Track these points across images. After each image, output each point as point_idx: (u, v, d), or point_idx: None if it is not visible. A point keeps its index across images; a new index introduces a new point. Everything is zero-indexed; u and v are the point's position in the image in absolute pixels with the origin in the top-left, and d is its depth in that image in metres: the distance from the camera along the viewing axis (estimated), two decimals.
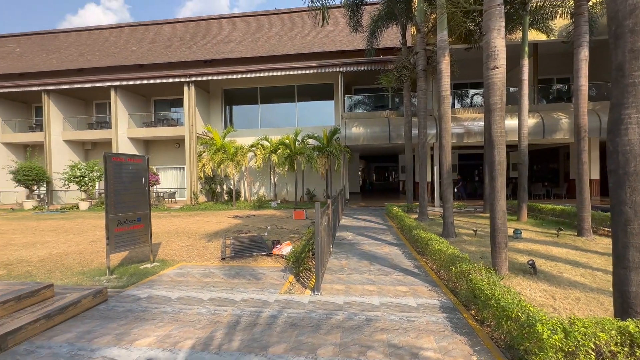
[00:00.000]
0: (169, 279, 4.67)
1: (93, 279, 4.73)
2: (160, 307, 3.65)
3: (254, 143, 15.96)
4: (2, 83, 17.93)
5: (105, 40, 22.43)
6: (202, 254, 6.16)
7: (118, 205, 5.01)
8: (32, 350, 2.77)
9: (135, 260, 5.81)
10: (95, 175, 15.43)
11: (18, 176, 15.33)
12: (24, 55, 22.04)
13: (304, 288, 4.23)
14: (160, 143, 18.44)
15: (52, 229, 9.55)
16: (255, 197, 16.90)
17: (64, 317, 3.31)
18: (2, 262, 5.77)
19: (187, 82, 15.86)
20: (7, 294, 3.26)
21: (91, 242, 7.44)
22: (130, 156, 5.30)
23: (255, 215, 11.88)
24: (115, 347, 2.80)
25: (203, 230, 8.77)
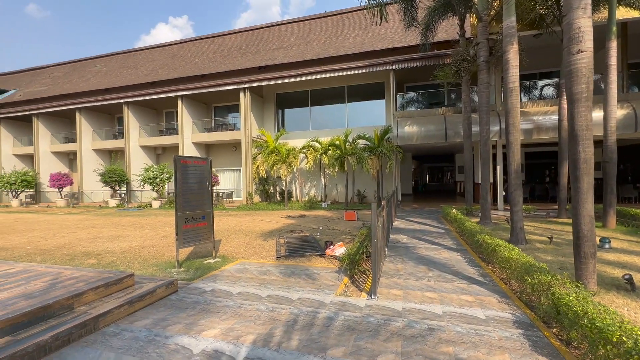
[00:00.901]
0: (229, 275, 4.92)
1: (165, 271, 5.18)
2: (223, 301, 3.85)
3: (304, 145, 16.26)
4: (91, 98, 20.86)
5: (173, 54, 24.78)
6: (259, 252, 6.41)
7: (186, 204, 5.44)
8: (117, 332, 3.10)
9: (199, 255, 6.25)
10: (165, 177, 17.10)
11: (104, 178, 17.64)
12: (109, 73, 25.36)
13: (360, 291, 4.14)
14: (219, 147, 19.77)
15: (130, 224, 10.77)
16: (306, 197, 17.20)
17: (142, 305, 3.66)
18: (93, 252, 6.64)
19: (243, 89, 16.76)
20: (98, 281, 3.71)
21: (162, 237, 8.21)
22: (195, 158, 5.72)
23: (307, 216, 12.07)
24: (185, 335, 3.01)
25: (258, 229, 9.14)
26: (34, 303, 3.07)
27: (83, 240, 7.99)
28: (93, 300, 3.49)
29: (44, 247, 7.26)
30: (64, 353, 2.73)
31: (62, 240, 8.14)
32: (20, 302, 3.11)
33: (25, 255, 6.52)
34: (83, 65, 28.35)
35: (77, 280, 3.75)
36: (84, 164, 20.51)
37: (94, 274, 3.99)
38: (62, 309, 3.19)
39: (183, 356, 2.66)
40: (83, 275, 3.95)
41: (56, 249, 7.10)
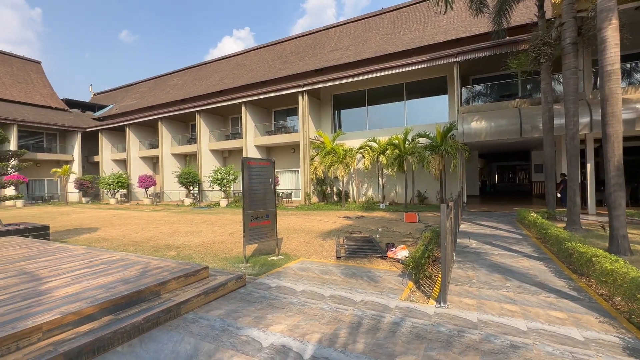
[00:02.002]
0: (292, 272, 5.05)
1: (233, 265, 5.54)
2: (287, 298, 3.95)
3: (362, 145, 16.08)
4: (170, 108, 23.48)
5: (237, 64, 26.62)
6: (319, 252, 6.48)
7: (252, 203, 5.75)
8: (196, 319, 3.38)
9: (263, 252, 6.55)
10: (231, 178, 18.43)
11: (180, 179, 19.69)
12: (184, 86, 28.28)
13: (427, 297, 3.89)
14: (278, 149, 20.64)
15: (203, 221, 11.81)
16: (364, 198, 16.99)
17: (215, 296, 3.95)
18: (173, 245, 7.42)
19: (301, 92, 17.24)
20: (179, 271, 4.11)
21: (230, 234, 8.82)
22: (260, 160, 6.01)
23: (365, 217, 11.89)
24: (255, 328, 3.15)
25: (317, 229, 9.27)
26: (130, 288, 3.51)
27: (165, 235, 8.98)
28: (175, 288, 3.87)
29: (135, 239, 8.34)
30: (154, 334, 3.05)
31: (149, 233, 9.26)
32: (119, 286, 3.59)
33: (120, 245, 7.57)
34: (163, 80, 32.10)
35: (162, 270, 4.20)
36: (165, 167, 23.17)
37: (176, 265, 4.43)
38: (151, 294, 3.59)
39: (253, 348, 2.78)
40: (167, 266, 4.41)
41: (144, 241, 8.10)
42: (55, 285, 3.70)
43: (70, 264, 4.69)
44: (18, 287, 3.67)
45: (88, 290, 3.46)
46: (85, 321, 2.95)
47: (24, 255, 5.36)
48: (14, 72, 28.94)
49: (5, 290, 3.56)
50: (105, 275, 4.02)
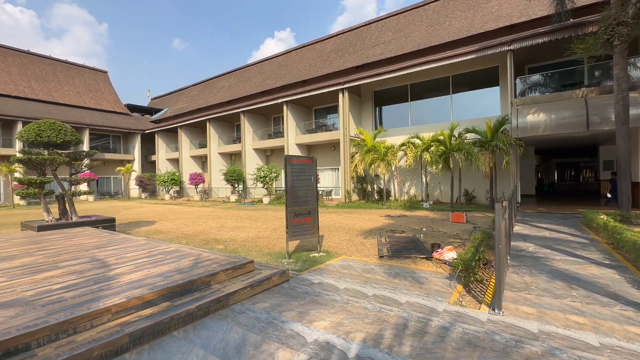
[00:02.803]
0: (334, 270, 5.05)
1: (277, 260, 5.68)
2: (330, 295, 3.95)
3: (404, 142, 15.59)
4: (217, 109, 24.78)
5: (279, 65, 27.27)
6: (360, 250, 6.40)
7: (294, 200, 5.85)
8: (243, 311, 3.52)
9: (305, 248, 6.64)
10: (273, 176, 18.98)
11: (226, 177, 20.72)
12: (230, 88, 29.67)
13: (478, 302, 3.65)
14: (319, 147, 20.79)
15: (247, 217, 12.31)
16: (406, 197, 16.48)
17: (261, 289, 4.08)
18: (220, 239, 7.82)
19: (341, 89, 17.16)
20: (227, 264, 4.31)
21: (273, 230, 9.08)
22: (302, 157, 6.09)
23: (407, 216, 11.52)
24: (298, 323, 3.19)
25: (358, 227, 9.18)
26: (184, 277, 3.76)
27: (213, 229, 9.51)
28: (224, 280, 4.06)
29: (187, 233, 8.95)
30: (205, 322, 3.23)
31: (199, 228, 9.88)
32: (175, 275, 3.86)
33: (174, 238, 8.16)
34: (211, 83, 33.99)
35: (212, 262, 4.43)
36: (212, 166, 24.56)
37: (224, 258, 4.66)
38: (202, 284, 3.81)
39: (298, 342, 2.81)
40: (216, 258, 4.65)
41: (195, 234, 8.65)
42: (120, 271, 4.09)
43: (133, 253, 5.16)
44: (91, 272, 4.12)
45: (148, 278, 3.77)
46: (147, 306, 3.21)
47: (95, 244, 6.01)
48: (86, 81, 32.61)
49: (81, 274, 4.01)
50: (162, 265, 4.35)
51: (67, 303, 3.04)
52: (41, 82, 28.77)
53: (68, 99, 29.29)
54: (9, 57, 28.27)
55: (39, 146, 8.84)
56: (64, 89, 30.07)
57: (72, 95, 30.06)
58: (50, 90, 28.86)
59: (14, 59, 28.56)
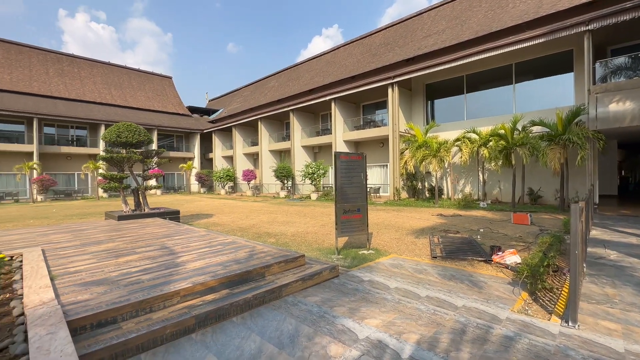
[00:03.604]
0: (384, 268, 4.96)
1: (326, 256, 5.76)
2: (380, 293, 3.90)
3: (458, 137, 14.67)
4: (267, 109, 25.76)
5: (327, 62, 27.41)
6: (411, 249, 6.20)
7: (343, 197, 5.86)
8: (295, 303, 3.63)
9: (354, 245, 6.63)
10: (321, 173, 19.22)
11: (276, 173, 21.49)
12: (279, 87, 30.63)
13: (547, 313, 3.31)
14: (367, 143, 20.52)
15: (296, 212, 12.65)
16: (460, 195, 15.54)
17: (312, 283, 4.17)
18: (272, 233, 8.16)
19: (391, 84, 16.69)
20: (280, 257, 4.48)
21: (321, 226, 9.21)
22: (352, 154, 6.07)
23: (462, 215, 10.85)
24: (349, 319, 3.20)
25: (408, 226, 8.89)
26: (241, 267, 4.00)
27: (265, 223, 9.96)
28: (277, 272, 4.24)
29: (241, 226, 9.49)
30: (261, 311, 3.41)
31: (252, 221, 10.41)
32: (233, 265, 4.13)
33: (230, 230, 8.71)
34: (262, 83, 35.41)
35: (266, 254, 4.65)
36: (263, 162, 25.66)
37: (277, 251, 4.85)
38: (258, 275, 4.01)
39: (349, 338, 2.83)
40: (269, 251, 4.86)
41: (249, 227, 9.14)
42: (186, 259, 4.49)
43: (196, 243, 5.63)
44: (161, 258, 4.58)
45: (210, 266, 4.08)
46: (209, 292, 3.48)
47: (164, 233, 6.67)
48: (154, 87, 36.18)
49: (154, 260, 4.49)
50: (221, 255, 4.68)
51: (144, 285, 3.43)
52: (119, 89, 32.61)
53: (140, 103, 32.79)
54: (94, 68, 32.52)
55: (118, 146, 10.05)
56: (137, 94, 33.72)
57: (143, 99, 33.59)
58: (126, 96, 32.57)
59: (98, 70, 32.76)
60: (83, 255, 4.82)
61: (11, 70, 26.70)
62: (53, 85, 28.08)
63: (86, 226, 8.18)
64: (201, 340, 2.82)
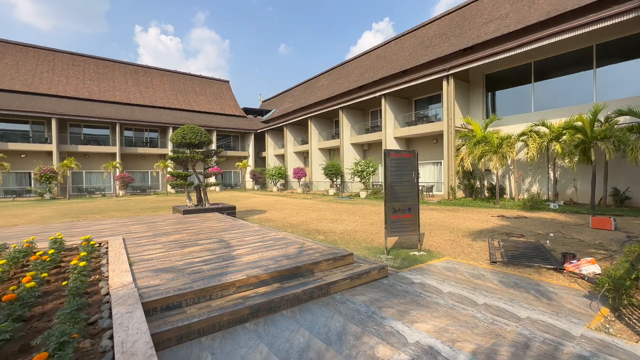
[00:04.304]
0: (437, 271, 4.73)
1: (375, 256, 5.68)
2: (432, 297, 3.73)
3: (524, 131, 13.32)
4: (316, 107, 26.10)
5: (378, 57, 26.83)
6: (467, 252, 5.81)
7: (393, 195, 5.71)
8: (343, 301, 3.65)
9: (404, 246, 6.42)
10: (370, 170, 18.95)
11: (325, 171, 21.73)
12: (329, 85, 30.84)
13: (635, 333, 2.86)
14: (419, 140, 19.68)
15: (345, 210, 12.67)
16: (525, 195, 14.11)
17: (360, 282, 4.15)
18: (321, 230, 8.28)
19: (446, 76, 15.74)
20: (328, 254, 4.53)
21: (370, 224, 9.10)
22: (403, 151, 5.87)
23: (527, 217, 9.85)
24: (398, 321, 3.12)
25: (464, 227, 8.34)
26: (290, 263, 4.14)
27: (314, 220, 10.14)
28: (325, 269, 4.30)
29: (291, 222, 9.79)
30: (309, 306, 3.49)
31: (301, 218, 10.69)
32: (283, 260, 4.29)
33: (281, 226, 9.04)
34: (312, 83, 35.99)
35: (315, 251, 4.74)
36: (313, 160, 26.12)
37: (325, 248, 4.92)
38: (307, 271, 4.11)
39: (398, 341, 2.76)
40: (318, 248, 4.95)
41: (298, 224, 9.39)
42: (240, 252, 4.78)
43: (250, 237, 5.96)
44: (219, 250, 4.94)
45: (262, 260, 4.29)
46: (261, 285, 3.67)
47: (222, 228, 7.18)
48: (213, 91, 38.99)
49: (213, 252, 4.86)
50: (273, 250, 4.89)
51: (204, 274, 3.74)
52: (184, 95, 35.79)
53: (201, 106, 35.62)
54: (164, 77, 36.14)
55: (183, 146, 11.04)
56: (199, 98, 36.67)
57: (204, 103, 36.43)
58: (190, 100, 35.62)
59: (167, 78, 36.34)
60: (154, 245, 5.41)
61: (99, 83, 30.93)
62: (131, 94, 31.88)
63: (157, 219, 9.17)
64: (254, 330, 2.99)
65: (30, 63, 28.55)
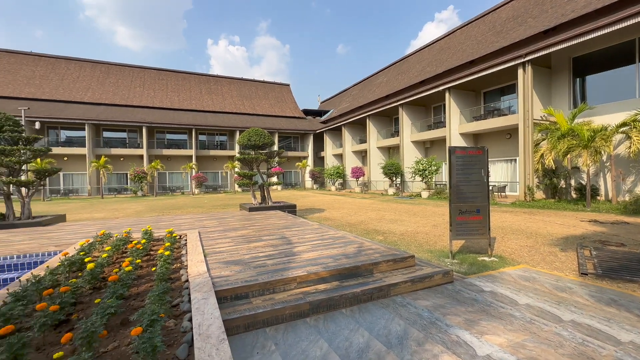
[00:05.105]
0: (511, 280, 4.28)
1: (438, 259, 5.36)
2: (506, 308, 3.39)
3: (626, 120, 11.26)
4: (375, 106, 25.63)
5: (440, 49, 25.28)
6: (549, 261, 5.13)
7: (459, 196, 5.33)
8: (404, 303, 3.53)
9: (472, 250, 5.95)
10: (433, 169, 17.94)
11: (384, 170, 21.22)
12: (388, 82, 30.05)
13: None
14: (488, 135, 18.01)
15: (405, 211, 12.22)
16: (627, 197, 11.93)
17: (422, 286, 3.97)
18: (380, 231, 8.12)
19: (522, 63, 14.11)
20: (388, 255, 4.43)
21: (433, 226, 8.62)
22: (470, 148, 5.44)
23: (629, 224, 8.31)
24: (466, 331, 2.91)
25: (545, 232, 7.39)
26: (349, 262, 4.15)
27: (372, 220, 9.99)
28: (385, 270, 4.20)
29: (350, 221, 9.79)
30: (368, 306, 3.46)
31: (360, 218, 10.61)
32: (342, 259, 4.32)
33: (340, 225, 9.10)
34: (370, 81, 35.47)
35: (374, 252, 4.67)
36: (371, 159, 25.74)
37: (385, 249, 4.81)
38: (366, 271, 4.08)
39: (465, 352, 2.57)
40: (377, 248, 4.87)
41: (357, 224, 9.35)
42: (301, 250, 4.94)
43: (309, 235, 6.13)
44: (281, 246, 5.18)
45: (322, 258, 4.38)
46: (321, 282, 3.75)
47: (283, 225, 7.52)
48: (275, 95, 40.99)
49: (276, 247, 5.11)
50: (332, 248, 4.95)
51: (268, 268, 3.96)
52: (249, 100, 38.33)
53: (264, 110, 37.73)
54: (231, 84, 39.21)
55: (249, 148, 11.83)
56: (262, 103, 38.90)
57: (267, 107, 38.53)
58: (254, 105, 38.01)
59: (234, 85, 39.33)
60: (224, 239, 5.91)
61: (179, 93, 34.87)
62: (204, 101, 35.26)
63: (226, 215, 9.99)
64: (314, 325, 3.07)
65: (126, 80, 33.52)
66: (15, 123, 9.02)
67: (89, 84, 31.54)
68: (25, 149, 8.88)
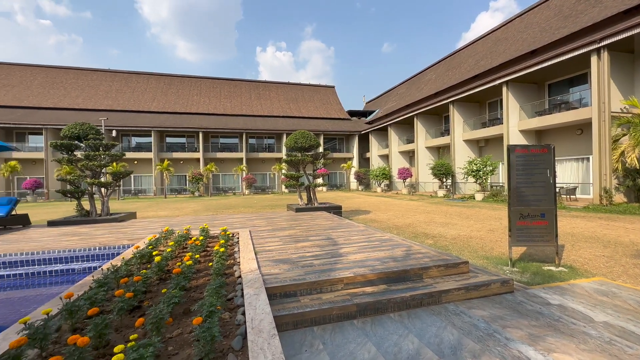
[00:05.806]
0: (584, 293, 3.81)
1: (495, 266, 4.98)
2: (578, 325, 3.02)
3: None
4: (423, 104, 24.63)
5: (496, 40, 23.48)
6: (633, 274, 4.47)
7: (520, 199, 4.89)
8: (457, 312, 3.34)
9: (535, 258, 5.42)
10: (489, 169, 16.70)
11: (434, 171, 20.28)
12: (437, 79, 28.71)
13: None
14: (554, 132, 16.27)
15: (457, 214, 11.54)
16: None
17: (477, 294, 3.71)
18: (429, 234, 7.78)
19: (596, 49, 12.52)
20: (439, 260, 4.22)
21: (489, 231, 8.02)
22: (533, 147, 4.96)
23: None
24: (530, 347, 2.66)
25: (627, 241, 6.45)
26: (398, 265, 4.04)
27: (422, 223, 9.61)
28: (435, 276, 4.02)
29: (397, 224, 9.53)
30: (418, 312, 3.33)
31: (408, 220, 10.27)
32: (390, 262, 4.22)
33: (386, 227, 8.90)
34: (418, 78, 34.21)
35: (423, 256, 4.49)
36: (419, 160, 24.78)
37: (435, 254, 4.60)
38: (415, 276, 3.94)
39: None
40: (427, 252, 4.67)
41: (404, 226, 9.07)
42: (347, 251, 4.94)
43: (356, 237, 6.09)
44: (327, 247, 5.23)
45: (368, 260, 4.33)
46: (368, 284, 3.71)
47: (329, 226, 7.58)
48: (320, 97, 41.52)
49: (322, 248, 5.17)
50: (379, 251, 4.87)
51: (315, 268, 4.02)
52: (295, 103, 39.36)
53: (310, 112, 38.43)
54: (279, 89, 40.64)
55: (295, 150, 12.14)
56: (307, 105, 39.68)
57: (312, 109, 39.20)
58: (300, 108, 38.92)
59: (281, 89, 40.71)
60: (273, 238, 6.14)
61: (231, 99, 37.08)
62: (254, 106, 37.02)
63: (275, 215, 10.36)
64: (361, 328, 3.04)
65: (185, 89, 36.58)
66: (97, 132, 10.36)
67: (155, 94, 35.02)
68: (105, 154, 10.13)
